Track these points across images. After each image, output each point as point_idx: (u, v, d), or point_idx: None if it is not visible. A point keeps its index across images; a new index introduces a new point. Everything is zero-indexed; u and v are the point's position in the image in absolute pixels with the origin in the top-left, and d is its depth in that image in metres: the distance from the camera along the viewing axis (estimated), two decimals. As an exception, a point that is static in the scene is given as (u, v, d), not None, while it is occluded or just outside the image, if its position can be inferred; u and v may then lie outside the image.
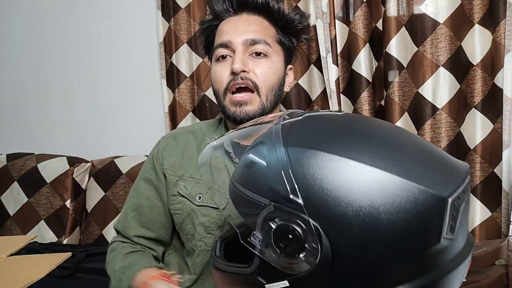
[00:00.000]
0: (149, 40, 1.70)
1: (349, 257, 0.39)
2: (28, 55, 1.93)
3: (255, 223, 0.43)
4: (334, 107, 1.41)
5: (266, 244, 0.43)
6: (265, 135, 0.48)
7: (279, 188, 0.42)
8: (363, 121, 0.53)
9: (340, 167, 0.41)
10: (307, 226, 0.40)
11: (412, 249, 0.39)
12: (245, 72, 0.82)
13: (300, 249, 0.41)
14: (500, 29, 1.24)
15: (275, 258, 0.42)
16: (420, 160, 0.43)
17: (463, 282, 0.44)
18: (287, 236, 0.41)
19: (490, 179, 1.30)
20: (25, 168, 1.74)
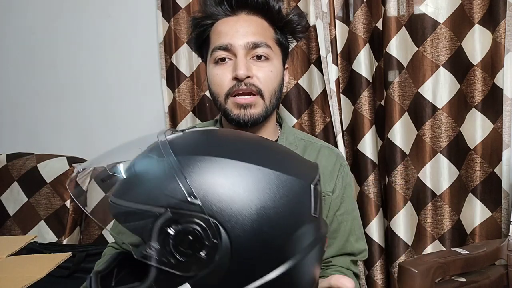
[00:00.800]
0: (149, 40, 1.70)
1: (246, 245, 0.44)
2: (28, 55, 1.93)
3: (150, 234, 0.43)
4: (334, 107, 1.41)
5: (165, 251, 0.43)
6: (150, 149, 0.49)
7: (175, 194, 0.44)
8: (232, 132, 0.61)
9: (228, 167, 0.46)
10: (206, 223, 0.43)
11: (296, 225, 0.47)
12: (249, 78, 0.81)
13: (200, 248, 0.43)
14: (500, 29, 1.24)
15: (175, 263, 0.43)
16: (286, 157, 0.53)
17: (463, 282, 0.45)
18: (187, 238, 0.43)
19: (490, 179, 1.30)
20: (25, 168, 1.74)
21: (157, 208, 0.44)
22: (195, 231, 0.43)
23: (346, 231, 0.92)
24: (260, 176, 0.46)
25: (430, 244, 1.38)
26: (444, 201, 1.36)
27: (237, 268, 0.44)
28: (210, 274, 0.43)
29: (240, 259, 0.44)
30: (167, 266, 0.43)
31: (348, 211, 0.94)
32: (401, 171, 1.37)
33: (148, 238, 0.44)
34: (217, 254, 0.43)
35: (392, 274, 1.40)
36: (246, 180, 0.46)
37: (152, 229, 0.43)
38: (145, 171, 0.48)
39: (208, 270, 0.43)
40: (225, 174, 0.46)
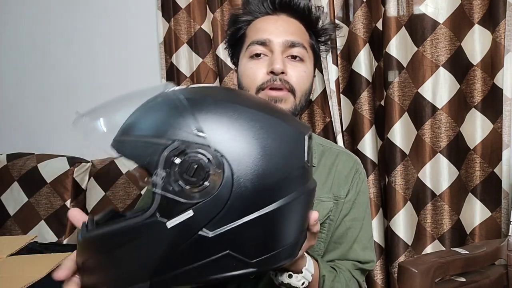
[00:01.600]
0: (149, 40, 1.70)
1: (246, 179, 0.47)
2: (28, 55, 1.93)
3: (157, 163, 0.46)
4: (334, 107, 1.42)
5: (170, 179, 0.46)
6: (156, 96, 0.53)
7: (182, 127, 0.47)
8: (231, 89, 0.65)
9: (233, 109, 0.50)
10: (211, 154, 0.46)
11: (291, 167, 0.51)
12: (283, 74, 0.82)
13: (204, 176, 0.46)
14: (500, 29, 1.24)
15: (179, 190, 0.46)
16: (284, 113, 0.57)
17: (463, 282, 0.47)
18: (192, 167, 0.46)
19: (490, 179, 1.30)
20: (25, 168, 1.74)
21: (164, 139, 0.47)
22: (200, 160, 0.46)
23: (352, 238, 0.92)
24: (262, 120, 0.50)
25: (430, 244, 1.38)
26: (444, 201, 1.36)
27: (235, 200, 0.47)
28: (210, 203, 0.46)
29: (239, 191, 0.47)
30: (171, 193, 0.46)
31: (358, 218, 0.93)
32: (401, 171, 1.37)
33: (155, 167, 0.46)
34: (219, 184, 0.46)
35: (392, 274, 1.40)
36: (249, 121, 0.50)
37: (159, 158, 0.46)
38: (152, 109, 0.51)
39: (209, 199, 0.46)
40: (229, 115, 0.49)
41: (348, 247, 0.92)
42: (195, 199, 0.46)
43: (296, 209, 0.52)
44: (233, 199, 0.47)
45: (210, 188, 0.46)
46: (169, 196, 0.46)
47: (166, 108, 0.50)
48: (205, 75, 1.60)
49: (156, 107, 0.51)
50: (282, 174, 0.50)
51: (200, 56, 1.59)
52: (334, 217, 0.91)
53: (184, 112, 0.48)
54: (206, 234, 0.47)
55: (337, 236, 0.92)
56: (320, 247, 0.92)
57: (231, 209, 0.47)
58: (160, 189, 0.46)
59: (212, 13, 1.53)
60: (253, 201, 0.48)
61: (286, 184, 0.50)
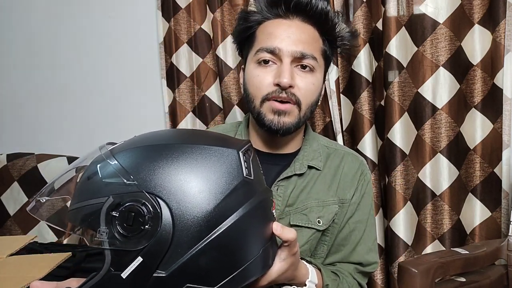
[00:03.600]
0: (149, 40, 1.70)
1: (184, 211, 0.48)
2: (28, 55, 1.93)
3: (98, 221, 0.48)
4: (334, 107, 1.42)
5: (113, 232, 0.48)
6: (92, 162, 0.55)
7: (114, 181, 0.49)
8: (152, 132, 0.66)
9: (159, 149, 0.52)
10: (145, 198, 0.48)
11: (227, 186, 0.51)
12: (290, 87, 0.79)
13: (144, 221, 0.48)
14: (500, 29, 1.24)
15: (124, 241, 0.48)
16: (215, 136, 0.59)
17: (463, 282, 0.47)
18: (130, 215, 0.48)
19: (490, 179, 1.30)
20: (25, 168, 1.74)
21: (100, 198, 0.49)
22: (136, 206, 0.48)
23: (355, 240, 0.91)
24: (187, 151, 0.52)
25: (430, 244, 1.38)
26: (444, 201, 1.36)
27: (180, 235, 0.48)
28: (156, 244, 0.48)
29: (182, 225, 0.48)
30: (118, 246, 0.48)
31: (361, 220, 0.92)
32: (401, 171, 1.37)
33: (97, 225, 0.48)
34: (159, 223, 0.48)
35: (392, 274, 1.40)
36: (176, 155, 0.51)
37: (99, 216, 0.48)
38: (86, 173, 0.53)
39: (153, 241, 0.48)
40: (152, 155, 0.51)
41: (351, 249, 0.91)
42: (141, 244, 0.48)
43: (248, 224, 0.53)
44: (177, 234, 0.48)
45: (151, 231, 0.48)
46: (117, 249, 0.48)
47: (96, 169, 0.51)
48: (205, 75, 1.60)
49: (88, 171, 0.53)
50: (221, 196, 0.50)
51: (200, 56, 1.59)
52: (338, 220, 0.91)
53: (111, 166, 0.50)
54: (161, 274, 0.48)
55: (340, 238, 0.91)
56: (324, 250, 0.92)
57: (178, 244, 0.48)
58: (108, 244, 0.48)
59: (212, 13, 1.53)
60: (198, 231, 0.49)
61: (228, 205, 0.51)
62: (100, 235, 0.48)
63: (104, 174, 0.51)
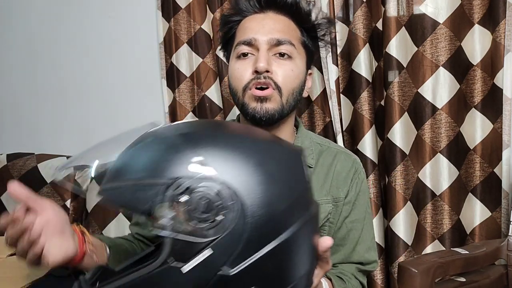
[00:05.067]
0: (149, 40, 1.70)
1: (257, 207, 0.45)
2: (28, 55, 1.93)
3: (161, 204, 0.43)
4: (334, 107, 1.42)
5: (180, 218, 0.43)
6: (143, 137, 0.50)
7: (183, 163, 0.44)
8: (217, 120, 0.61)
9: (232, 140, 0.49)
10: (219, 188, 0.44)
11: (296, 189, 0.49)
12: (268, 72, 0.80)
13: (216, 212, 0.43)
14: (500, 29, 1.24)
15: (192, 230, 0.43)
16: (276, 137, 0.56)
17: (463, 282, 0.46)
18: (201, 204, 0.43)
19: (490, 179, 1.30)
20: (25, 168, 1.74)
21: (164, 179, 0.44)
22: (208, 194, 0.43)
23: (354, 239, 0.91)
24: (261, 146, 0.50)
25: (430, 244, 1.38)
26: (444, 201, 1.36)
27: (252, 232, 0.44)
28: (228, 238, 0.44)
29: (254, 222, 0.44)
30: (184, 234, 0.43)
31: (359, 219, 0.92)
32: (401, 171, 1.37)
33: (160, 209, 0.43)
34: (232, 216, 0.44)
35: (392, 274, 1.40)
36: (249, 148, 0.48)
37: (163, 199, 0.43)
38: (143, 149, 0.47)
39: (226, 234, 0.43)
40: (228, 145, 0.47)
41: (350, 249, 0.91)
42: (210, 236, 0.43)
43: (307, 234, 0.50)
44: (249, 231, 0.44)
45: (225, 222, 0.43)
46: (182, 238, 0.42)
47: (159, 147, 0.47)
48: (205, 75, 1.60)
49: (147, 147, 0.47)
50: (291, 197, 0.48)
51: (200, 56, 1.59)
52: (334, 219, 0.90)
53: (182, 147, 0.46)
54: (226, 273, 0.43)
55: (338, 239, 0.91)
56: None
57: (250, 241, 0.44)
58: (170, 231, 0.42)
59: (212, 13, 1.53)
60: (269, 230, 0.46)
61: (295, 207, 0.48)
62: (163, 220, 0.43)
63: (170, 152, 0.45)
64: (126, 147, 0.49)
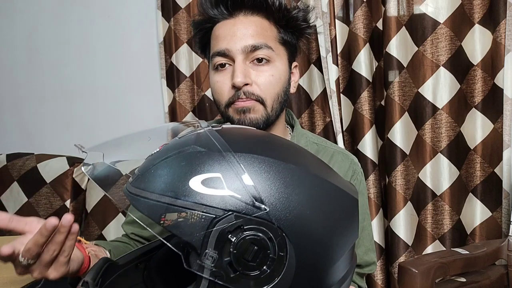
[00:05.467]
0: (149, 40, 1.70)
1: (310, 261, 0.39)
2: (28, 55, 1.93)
3: (206, 240, 0.36)
4: (334, 107, 1.41)
5: (223, 260, 0.37)
6: (196, 140, 0.41)
7: (237, 195, 0.38)
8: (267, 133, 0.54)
9: (290, 173, 0.41)
10: (274, 233, 0.37)
11: (350, 241, 0.44)
12: (247, 85, 0.76)
13: (265, 260, 0.37)
14: (500, 29, 1.24)
15: (234, 277, 0.37)
16: (330, 169, 0.48)
17: (464, 282, 0.45)
18: (251, 247, 0.37)
19: (490, 179, 1.30)
20: (25, 168, 1.73)
21: (216, 209, 0.37)
22: (261, 240, 0.37)
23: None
24: (321, 187, 0.42)
25: (430, 244, 1.38)
26: (444, 201, 1.36)
27: (303, 281, 0.39)
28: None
29: (301, 281, 0.39)
30: (223, 281, 0.37)
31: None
32: (401, 171, 1.37)
33: (203, 245, 0.36)
34: (281, 270, 0.38)
35: (392, 274, 1.40)
36: (309, 188, 0.41)
37: (209, 234, 0.36)
38: (192, 162, 0.39)
39: (271, 284, 0.38)
40: (288, 181, 0.40)
41: None
42: (255, 286, 0.37)
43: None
44: (298, 283, 0.39)
45: (269, 276, 0.37)
46: (219, 283, 0.37)
47: (213, 164, 0.39)
48: (205, 75, 1.60)
49: (197, 160, 0.39)
50: (342, 254, 0.42)
51: (200, 56, 1.59)
52: None
53: (239, 174, 0.38)
54: None
55: None
56: None
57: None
58: (210, 275, 0.36)
59: (212, 13, 1.53)
60: (325, 277, 0.40)
61: (341, 265, 0.43)
62: (204, 259, 0.36)
63: (227, 175, 0.38)
64: (172, 150, 0.42)
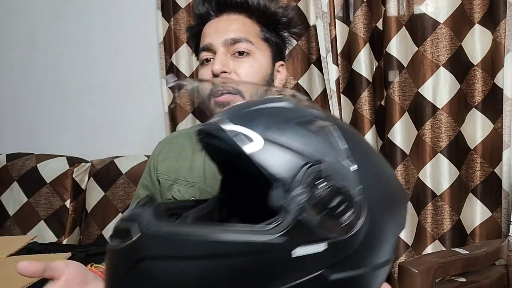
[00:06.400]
0: (149, 40, 1.70)
1: (379, 227, 0.44)
2: (28, 55, 1.93)
3: (296, 178, 0.40)
4: (334, 107, 1.41)
5: (311, 202, 0.39)
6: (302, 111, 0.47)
7: (333, 151, 0.42)
8: None
9: (376, 154, 0.50)
10: (357, 191, 0.42)
11: (400, 227, 0.49)
12: (225, 73, 0.81)
13: (345, 211, 0.41)
14: (500, 29, 1.24)
15: (316, 220, 0.39)
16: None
17: (464, 282, 0.47)
18: (337, 196, 0.40)
19: (490, 179, 1.30)
20: (25, 168, 1.74)
21: (309, 155, 0.40)
22: (346, 192, 0.41)
23: None
24: (392, 173, 0.50)
25: (430, 244, 1.38)
26: (444, 201, 1.36)
27: (364, 247, 0.42)
28: (342, 243, 0.41)
29: (369, 240, 0.42)
30: (308, 220, 0.39)
31: None
32: (401, 171, 1.37)
33: (293, 182, 0.39)
34: (357, 225, 0.41)
35: (392, 274, 1.40)
36: (387, 169, 0.49)
37: (302, 173, 0.39)
38: (301, 123, 0.44)
39: (343, 238, 0.40)
40: (375, 157, 0.48)
41: None
42: (329, 233, 0.40)
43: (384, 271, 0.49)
44: (362, 246, 0.42)
45: (347, 227, 0.41)
46: (304, 222, 0.39)
47: (316, 127, 0.44)
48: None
49: (304, 123, 0.44)
50: (400, 231, 0.48)
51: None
52: None
53: (337, 138, 0.43)
54: (327, 276, 0.40)
55: None
56: None
57: (358, 255, 0.42)
58: (296, 212, 0.38)
59: (212, 13, 1.53)
60: (377, 253, 0.44)
61: (389, 248, 0.47)
62: (295, 195, 0.39)
63: (325, 137, 0.43)
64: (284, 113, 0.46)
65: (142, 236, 0.38)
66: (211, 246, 0.37)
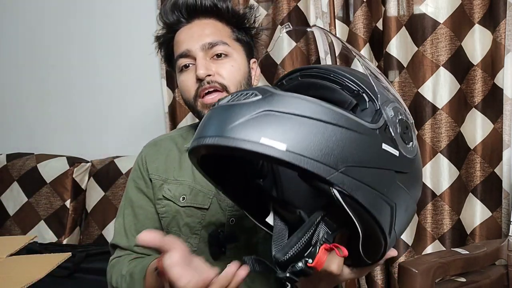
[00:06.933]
0: (149, 40, 1.69)
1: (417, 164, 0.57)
2: (28, 55, 1.93)
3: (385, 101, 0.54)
4: (334, 107, 1.41)
5: (396, 120, 0.53)
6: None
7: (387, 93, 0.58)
8: None
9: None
10: (412, 125, 0.57)
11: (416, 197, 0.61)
12: (210, 76, 0.83)
13: (412, 139, 0.55)
14: (500, 29, 1.24)
15: (398, 133, 0.53)
16: None
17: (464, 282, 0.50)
18: (407, 127, 0.55)
19: (490, 179, 1.30)
20: (25, 168, 1.74)
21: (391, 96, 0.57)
22: (411, 126, 0.56)
23: None
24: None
25: (430, 244, 1.38)
26: (444, 201, 1.36)
27: (415, 174, 0.56)
28: (406, 159, 0.53)
29: (417, 170, 0.57)
30: (389, 131, 0.52)
31: None
32: (401, 171, 1.37)
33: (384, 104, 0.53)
34: (416, 152, 0.55)
35: (392, 274, 1.40)
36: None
37: (387, 100, 0.54)
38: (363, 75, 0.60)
39: (407, 157, 0.53)
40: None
41: None
42: (402, 148, 0.53)
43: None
44: (414, 172, 0.56)
45: (410, 151, 0.54)
46: (388, 130, 0.52)
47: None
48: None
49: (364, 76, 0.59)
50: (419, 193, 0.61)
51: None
52: None
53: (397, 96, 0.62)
54: (395, 176, 0.53)
55: None
56: None
57: (411, 177, 0.55)
58: (386, 120, 0.52)
59: (212, 13, 1.53)
60: (417, 187, 0.58)
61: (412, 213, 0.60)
62: (384, 110, 0.52)
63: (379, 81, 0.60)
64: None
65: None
66: (330, 113, 0.48)
